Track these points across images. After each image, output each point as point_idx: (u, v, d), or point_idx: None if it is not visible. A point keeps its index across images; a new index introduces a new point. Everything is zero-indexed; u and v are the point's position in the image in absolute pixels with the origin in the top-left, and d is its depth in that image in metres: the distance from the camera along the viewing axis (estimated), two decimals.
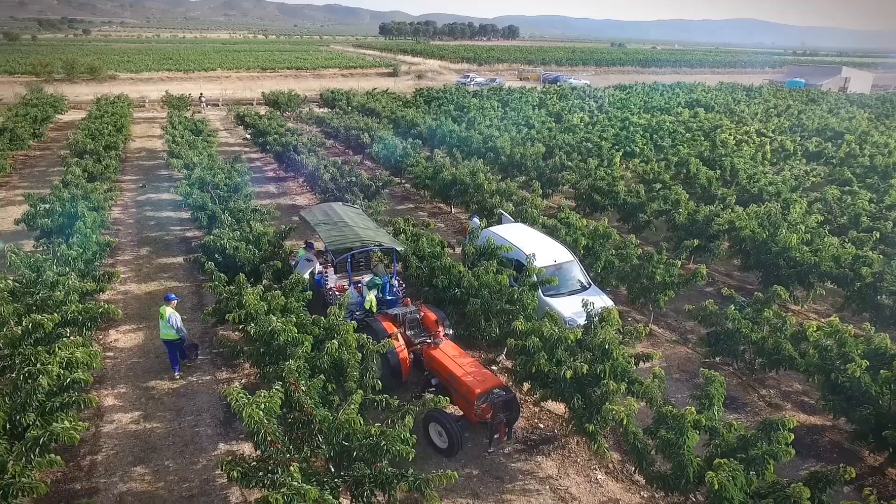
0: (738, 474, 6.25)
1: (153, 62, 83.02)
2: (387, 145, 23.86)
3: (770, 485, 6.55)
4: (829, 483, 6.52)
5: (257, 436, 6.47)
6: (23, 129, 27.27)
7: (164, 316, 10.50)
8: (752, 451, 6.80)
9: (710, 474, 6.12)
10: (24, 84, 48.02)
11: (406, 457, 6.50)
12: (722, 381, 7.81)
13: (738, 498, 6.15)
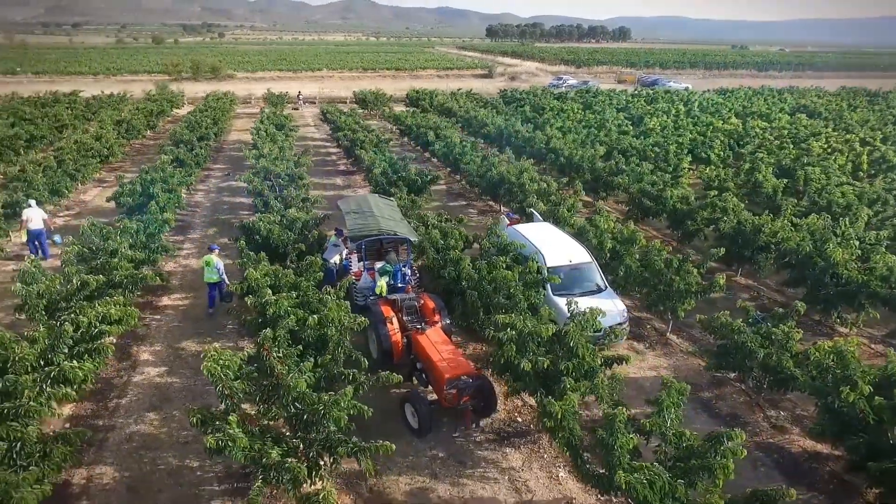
0: (657, 479, 6.11)
1: (268, 62, 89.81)
2: (447, 143, 24.47)
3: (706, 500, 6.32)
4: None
5: (217, 388, 7.28)
6: (138, 121, 30.95)
7: (211, 263, 12.41)
8: (691, 462, 6.60)
9: (621, 474, 6.04)
10: (154, 82, 54.01)
11: (339, 423, 7.00)
12: (681, 388, 7.53)
13: (654, 502, 6.03)
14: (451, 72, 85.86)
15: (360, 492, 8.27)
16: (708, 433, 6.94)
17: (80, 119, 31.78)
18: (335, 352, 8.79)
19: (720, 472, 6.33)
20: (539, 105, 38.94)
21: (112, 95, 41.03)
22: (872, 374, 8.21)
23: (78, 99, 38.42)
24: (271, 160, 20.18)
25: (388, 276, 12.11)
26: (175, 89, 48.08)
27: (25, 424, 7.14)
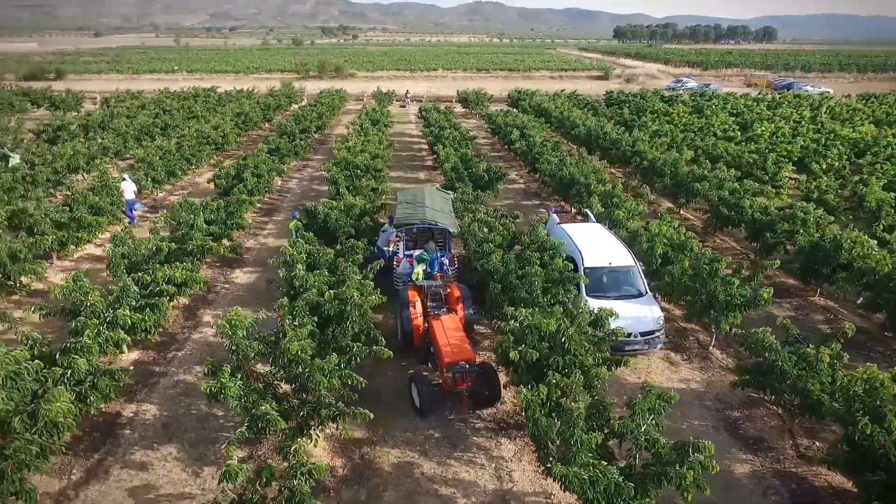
0: (601, 479, 6.00)
1: (388, 63, 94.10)
2: (528, 143, 24.45)
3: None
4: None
5: (227, 344, 8.22)
6: (255, 115, 34.16)
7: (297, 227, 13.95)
8: (652, 469, 6.39)
9: (557, 466, 6.01)
10: (282, 80, 58.91)
11: (318, 385, 7.60)
12: (662, 395, 7.23)
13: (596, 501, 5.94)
14: (565, 73, 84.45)
15: (353, 458, 8.84)
16: (676, 441, 6.64)
17: (210, 111, 35.70)
18: (345, 325, 9.41)
19: (686, 484, 6.07)
20: (642, 107, 37.38)
21: (241, 91, 45.53)
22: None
23: (212, 94, 43.09)
24: (353, 152, 21.47)
25: (425, 263, 12.63)
26: (298, 86, 52.18)
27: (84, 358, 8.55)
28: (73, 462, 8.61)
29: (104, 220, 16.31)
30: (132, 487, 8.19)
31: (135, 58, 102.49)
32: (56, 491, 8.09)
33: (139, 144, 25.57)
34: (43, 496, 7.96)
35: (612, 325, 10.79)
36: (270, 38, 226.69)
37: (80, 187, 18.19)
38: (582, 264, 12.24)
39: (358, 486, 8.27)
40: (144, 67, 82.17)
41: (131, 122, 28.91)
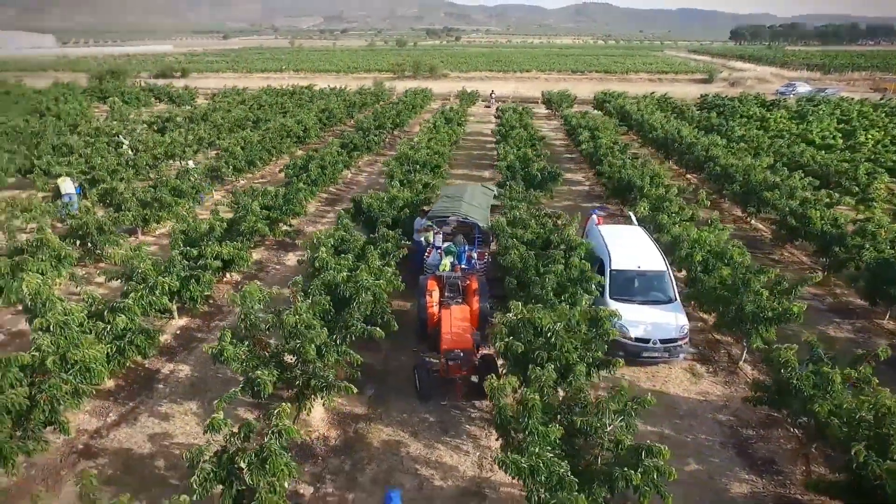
0: (542, 470, 6.00)
1: (483, 63, 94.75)
2: (595, 144, 23.90)
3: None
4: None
5: (238, 313, 9.00)
6: (339, 111, 35.97)
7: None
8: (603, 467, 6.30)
9: (500, 452, 6.08)
10: (375, 79, 61.31)
11: (306, 356, 8.15)
12: (636, 397, 7.02)
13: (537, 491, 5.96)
14: (665, 76, 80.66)
15: (347, 431, 9.34)
16: (635, 443, 6.47)
17: (301, 107, 38.04)
18: (353, 306, 9.92)
19: (634, 486, 5.94)
20: (736, 112, 35.13)
21: (333, 89, 47.98)
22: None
23: (306, 91, 45.80)
24: (415, 149, 22.13)
25: (453, 256, 12.91)
26: (388, 86, 54.12)
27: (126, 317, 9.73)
28: (111, 407, 9.81)
29: (183, 201, 18.06)
30: (153, 433, 9.21)
31: (251, 58, 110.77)
32: (92, 429, 9.28)
33: (231, 136, 27.89)
34: (81, 432, 9.20)
35: (629, 329, 10.70)
36: (377, 40, 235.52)
37: (168, 172, 20.26)
38: (608, 266, 11.98)
39: (345, 457, 8.75)
40: (257, 66, 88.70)
41: (227, 116, 31.53)
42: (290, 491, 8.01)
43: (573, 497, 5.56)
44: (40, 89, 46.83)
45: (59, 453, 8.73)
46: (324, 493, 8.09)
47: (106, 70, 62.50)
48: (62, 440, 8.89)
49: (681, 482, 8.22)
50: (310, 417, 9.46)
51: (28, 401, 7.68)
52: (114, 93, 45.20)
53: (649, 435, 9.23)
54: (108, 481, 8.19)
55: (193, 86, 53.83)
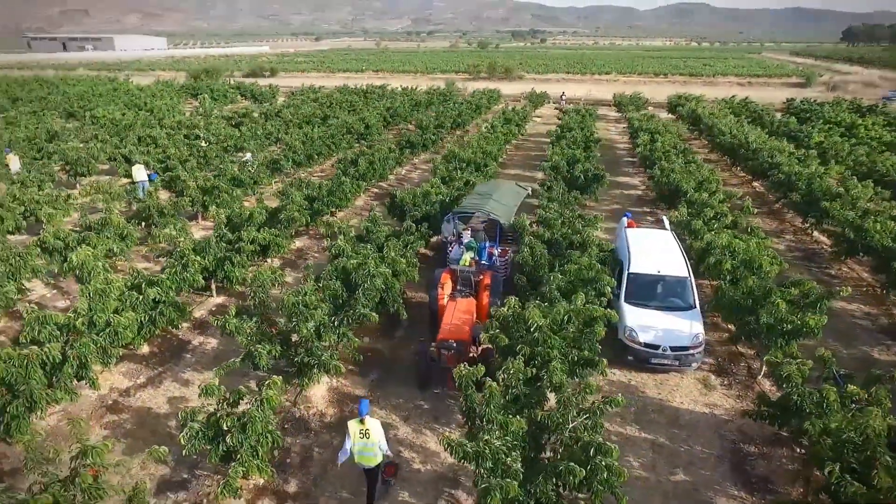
0: (486, 458, 6.11)
1: (562, 65, 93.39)
2: (650, 148, 23.16)
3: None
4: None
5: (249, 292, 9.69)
6: (404, 110, 36.89)
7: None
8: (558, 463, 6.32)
9: (445, 435, 6.23)
10: (446, 80, 62.17)
11: (299, 333, 8.66)
12: (606, 397, 6.94)
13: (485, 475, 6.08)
14: (756, 79, 75.94)
15: (344, 409, 9.79)
16: (587, 441, 6.42)
17: (369, 106, 39.38)
18: (359, 291, 10.37)
19: (598, 485, 5.93)
20: (823, 117, 32.70)
21: (405, 89, 49.16)
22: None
23: (377, 91, 47.25)
24: (464, 148, 22.43)
25: (473, 251, 13.08)
26: (460, 86, 54.76)
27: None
28: (142, 370, 10.83)
29: (241, 190, 19.36)
30: (172, 396, 10.09)
31: (336, 59, 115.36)
32: (123, 388, 10.30)
33: (296, 131, 29.43)
34: (113, 390, 10.24)
35: (639, 334, 10.46)
36: (461, 42, 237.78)
37: (230, 163, 21.76)
38: (626, 269, 11.73)
39: (335, 433, 9.19)
40: (339, 67, 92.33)
41: (296, 112, 33.24)
42: (277, 459, 8.59)
43: (507, 484, 5.63)
44: (142, 86, 51.34)
45: (91, 406, 9.78)
46: (309, 464, 8.57)
47: (202, 69, 67.41)
48: (95, 395, 9.95)
49: (661, 491, 8.07)
50: (311, 394, 10.01)
51: (61, 355, 8.70)
52: (204, 90, 48.73)
53: (641, 441, 9.04)
54: (125, 434, 9.11)
55: (277, 84, 56.94)
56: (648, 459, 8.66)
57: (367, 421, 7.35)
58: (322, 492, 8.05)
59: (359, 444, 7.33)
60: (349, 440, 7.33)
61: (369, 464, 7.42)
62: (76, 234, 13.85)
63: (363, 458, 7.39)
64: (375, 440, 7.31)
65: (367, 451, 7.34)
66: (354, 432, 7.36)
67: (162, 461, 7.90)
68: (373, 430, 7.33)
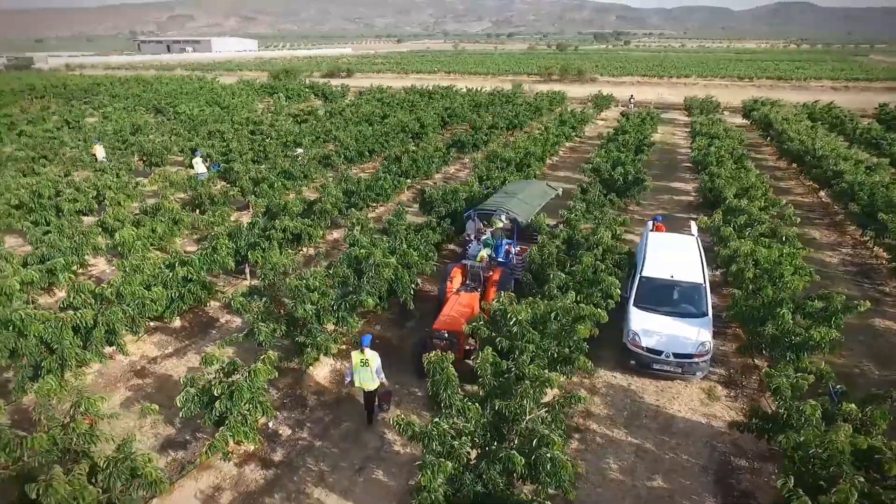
0: (434, 440, 6.34)
1: (638, 68, 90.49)
2: (703, 153, 22.27)
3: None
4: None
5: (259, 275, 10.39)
6: (462, 111, 37.31)
7: None
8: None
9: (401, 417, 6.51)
10: (513, 81, 62.01)
11: (296, 312, 9.21)
12: (567, 393, 6.96)
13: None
14: (855, 83, 70.25)
15: (342, 390, 10.27)
16: (531, 430, 6.50)
17: (430, 106, 40.11)
18: (363, 279, 10.85)
19: (546, 477, 6.05)
20: None
21: (470, 90, 49.61)
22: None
23: (441, 91, 47.93)
24: (507, 148, 22.52)
25: (490, 248, 13.26)
26: (527, 88, 54.53)
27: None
28: (171, 341, 11.84)
29: (291, 183, 20.46)
30: (192, 367, 10.95)
31: (412, 60, 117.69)
32: (151, 356, 11.32)
33: (352, 129, 30.59)
34: (143, 357, 11.29)
35: (642, 338, 10.29)
36: (540, 44, 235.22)
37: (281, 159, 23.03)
38: (639, 273, 11.51)
39: (329, 411, 9.69)
40: (413, 68, 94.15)
41: (356, 111, 34.47)
42: (271, 430, 9.20)
43: (441, 463, 5.85)
44: (225, 85, 54.86)
45: (121, 369, 10.84)
46: (298, 437, 9.12)
47: (282, 70, 70.98)
48: (127, 361, 11.02)
49: (634, 495, 7.99)
50: (314, 374, 10.59)
51: (93, 321, 9.74)
52: (280, 89, 51.38)
53: (626, 445, 8.93)
54: (145, 396, 10.04)
55: (348, 84, 59.05)
56: (629, 463, 8.53)
57: (366, 352, 8.78)
58: (303, 463, 8.55)
59: (359, 370, 8.80)
60: (351, 367, 8.84)
61: (368, 387, 8.88)
62: (133, 217, 15.27)
63: (363, 382, 8.89)
64: (373, 367, 8.74)
65: (366, 376, 8.81)
66: (356, 361, 8.82)
67: (159, 419, 8.75)
68: (371, 359, 8.78)
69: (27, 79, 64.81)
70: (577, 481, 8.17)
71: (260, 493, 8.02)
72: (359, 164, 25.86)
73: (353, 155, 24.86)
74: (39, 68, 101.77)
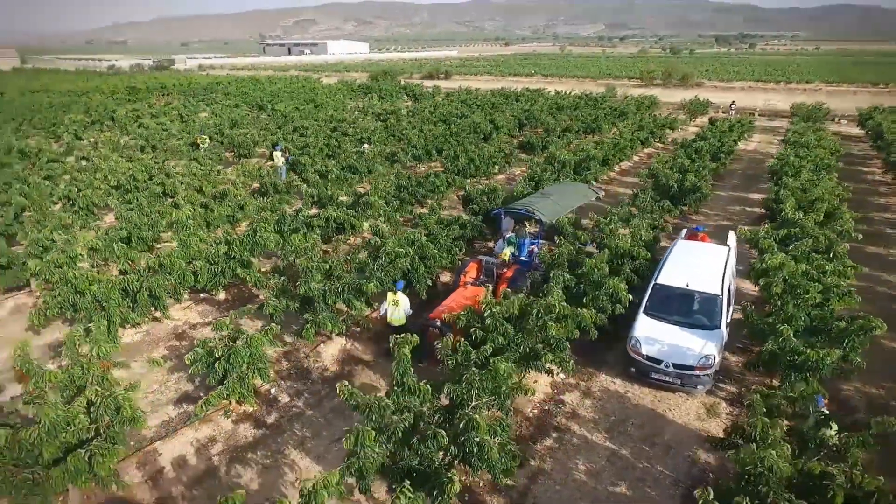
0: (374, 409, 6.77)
1: (754, 73, 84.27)
2: (780, 162, 20.68)
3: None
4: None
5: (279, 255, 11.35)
6: (540, 113, 37.07)
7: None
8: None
9: (353, 391, 6.99)
10: (606, 85, 60.30)
11: (305, 291, 10.02)
12: (507, 374, 7.10)
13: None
14: None
15: (344, 368, 10.96)
16: (467, 418, 6.71)
17: (512, 107, 40.24)
18: (373, 265, 11.48)
19: (478, 461, 6.36)
20: None
21: (558, 92, 49.09)
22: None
23: (525, 94, 47.79)
24: (569, 150, 22.28)
25: (513, 246, 13.43)
26: (620, 92, 52.95)
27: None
28: (213, 311, 13.16)
29: (355, 177, 21.65)
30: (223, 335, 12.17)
31: (513, 63, 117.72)
32: (193, 322, 12.68)
33: (425, 128, 31.54)
34: (186, 322, 12.68)
35: (642, 346, 10.08)
36: (654, 47, 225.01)
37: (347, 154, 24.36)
38: (654, 280, 11.17)
39: (327, 385, 10.39)
40: (511, 70, 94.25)
41: (434, 112, 35.41)
42: (271, 396, 10.09)
43: (364, 430, 6.28)
44: (325, 85, 58.33)
45: (165, 331, 12.28)
46: (293, 404, 9.92)
47: (380, 71, 74.05)
48: (172, 325, 12.46)
49: (591, 497, 7.93)
50: (324, 351, 11.39)
51: (139, 286, 11.18)
52: (375, 90, 53.78)
53: (601, 449, 8.82)
54: (178, 357, 11.34)
55: (445, 86, 60.46)
56: (598, 467, 8.44)
57: (398, 294, 10.54)
58: (290, 428, 9.32)
59: (390, 309, 10.56)
60: (385, 304, 10.61)
61: (396, 323, 10.55)
62: (203, 200, 17.03)
63: (392, 318, 10.59)
64: (402, 308, 10.54)
65: (396, 314, 10.58)
66: (389, 300, 10.59)
67: (183, 376, 9.89)
68: (401, 301, 10.53)
69: (161, 78, 72.74)
70: (540, 476, 8.29)
71: (245, 448, 8.88)
72: (427, 162, 26.69)
73: (420, 153, 25.71)
74: (177, 69, 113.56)
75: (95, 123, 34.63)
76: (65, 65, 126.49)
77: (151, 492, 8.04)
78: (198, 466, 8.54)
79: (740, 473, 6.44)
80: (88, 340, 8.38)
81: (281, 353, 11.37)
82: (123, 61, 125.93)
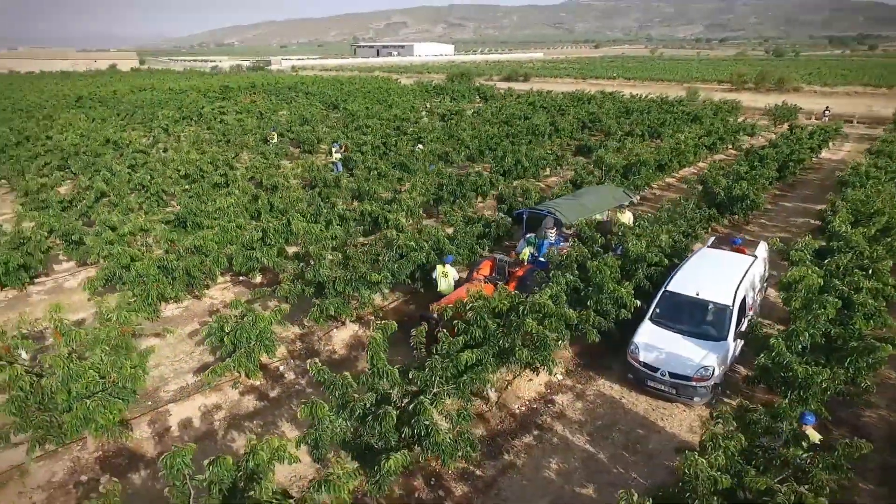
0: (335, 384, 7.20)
1: (865, 77, 77.23)
2: (856, 173, 19.10)
3: None
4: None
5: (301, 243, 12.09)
6: (606, 117, 36.20)
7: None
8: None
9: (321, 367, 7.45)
10: (687, 89, 57.56)
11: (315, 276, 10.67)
12: (469, 364, 7.29)
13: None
14: None
15: (349, 353, 11.53)
16: (417, 402, 6.98)
17: (578, 110, 39.58)
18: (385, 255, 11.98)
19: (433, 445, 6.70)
20: None
21: (634, 96, 47.62)
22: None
23: (597, 96, 46.71)
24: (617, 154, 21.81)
25: (533, 246, 13.48)
26: (703, 96, 50.51)
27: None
28: (246, 293, 14.16)
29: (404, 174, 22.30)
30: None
31: (598, 66, 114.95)
32: (226, 301, 13.72)
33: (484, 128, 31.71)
34: (220, 302, 13.76)
35: (640, 352, 9.93)
36: (756, 49, 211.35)
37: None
38: (665, 287, 10.88)
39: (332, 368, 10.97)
40: (593, 73, 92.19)
41: (497, 113, 35.55)
42: (279, 372, 10.82)
43: (318, 403, 6.73)
44: (401, 85, 59.91)
45: (201, 308, 13.41)
46: (296, 382, 10.60)
47: (458, 72, 74.91)
48: (208, 303, 13.59)
49: (557, 496, 7.98)
50: (336, 335, 12.02)
51: (176, 265, 12.33)
52: (448, 91, 54.62)
53: (579, 451, 8.83)
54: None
55: (521, 88, 60.33)
56: (570, 467, 8.43)
57: (447, 266, 12.03)
58: (289, 402, 9.99)
59: (440, 280, 12.04)
60: (435, 274, 12.16)
61: (447, 293, 11.74)
62: (254, 191, 18.27)
63: (442, 289, 12.02)
64: (451, 278, 12.00)
65: (445, 284, 12.04)
66: (439, 272, 12.08)
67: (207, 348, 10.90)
68: (450, 273, 12.03)
69: (252, 77, 77.53)
70: (510, 470, 8.42)
71: (245, 417, 9.64)
72: (481, 163, 26.93)
73: (474, 153, 26.01)
74: (271, 70, 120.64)
75: (185, 119, 37.69)
76: (176, 66, 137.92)
77: (156, 446, 8.95)
78: (200, 429, 9.39)
79: (679, 481, 6.31)
80: (117, 309, 9.43)
81: (298, 334, 12.14)
82: (226, 62, 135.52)
